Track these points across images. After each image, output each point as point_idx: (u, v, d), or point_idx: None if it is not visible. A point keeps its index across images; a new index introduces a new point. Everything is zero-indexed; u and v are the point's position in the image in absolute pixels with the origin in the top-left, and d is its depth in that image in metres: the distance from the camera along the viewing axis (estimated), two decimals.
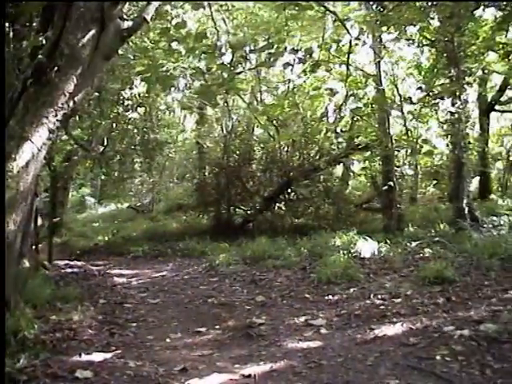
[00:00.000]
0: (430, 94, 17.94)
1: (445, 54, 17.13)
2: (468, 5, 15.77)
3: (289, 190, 18.40)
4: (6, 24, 7.20)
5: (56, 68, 6.09)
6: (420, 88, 19.01)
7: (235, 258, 12.63)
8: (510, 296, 7.99)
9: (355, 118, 18.95)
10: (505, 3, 17.13)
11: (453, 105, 16.65)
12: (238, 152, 19.25)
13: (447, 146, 20.05)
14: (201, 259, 13.63)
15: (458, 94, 16.57)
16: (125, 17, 7.40)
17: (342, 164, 21.51)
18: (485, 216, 18.37)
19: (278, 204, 18.70)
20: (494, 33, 19.51)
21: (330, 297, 8.78)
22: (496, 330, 6.16)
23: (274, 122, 18.71)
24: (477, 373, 5.16)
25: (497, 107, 29.03)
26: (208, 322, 7.78)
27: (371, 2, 15.33)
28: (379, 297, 8.44)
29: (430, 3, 14.43)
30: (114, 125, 19.20)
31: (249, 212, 18.75)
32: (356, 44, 15.55)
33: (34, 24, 7.58)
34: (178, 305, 9.23)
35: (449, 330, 6.41)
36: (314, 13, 15.38)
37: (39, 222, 12.32)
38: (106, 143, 17.62)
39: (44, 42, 6.40)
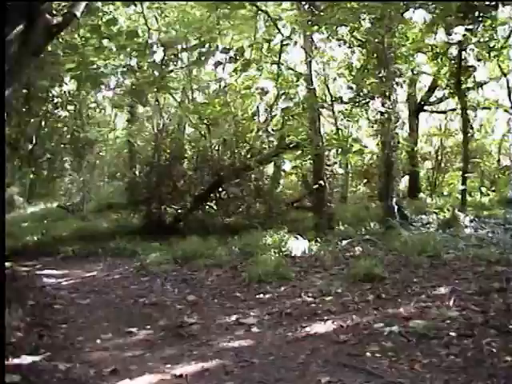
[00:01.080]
0: (361, 93, 18.16)
1: (375, 55, 17.34)
2: (398, 7, 16.04)
3: (220, 189, 18.34)
4: None
5: None
6: (350, 88, 19.22)
7: (166, 257, 12.53)
8: (438, 292, 8.16)
9: (286, 118, 19.02)
10: (434, 6, 17.46)
11: (383, 105, 16.85)
12: (168, 151, 19.09)
13: (377, 145, 20.31)
14: (132, 259, 13.47)
15: (387, 94, 16.79)
16: (54, 12, 7.26)
17: (273, 163, 21.56)
18: (414, 214, 18.69)
19: (208, 203, 18.62)
20: (424, 35, 19.89)
21: (261, 295, 8.79)
22: (424, 325, 6.30)
23: (206, 120, 18.66)
24: (406, 368, 5.26)
25: (426, 107, 29.61)
26: (139, 322, 7.70)
27: (303, 3, 15.42)
28: (310, 295, 8.49)
29: (361, 4, 14.60)
30: (43, 123, 18.88)
31: (180, 211, 18.62)
32: (287, 43, 15.64)
33: None
34: (109, 305, 9.10)
35: (379, 326, 6.52)
36: (246, 12, 15.42)
37: None
38: (34, 141, 17.32)
39: None
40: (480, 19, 20.20)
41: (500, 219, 17.90)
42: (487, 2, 19.86)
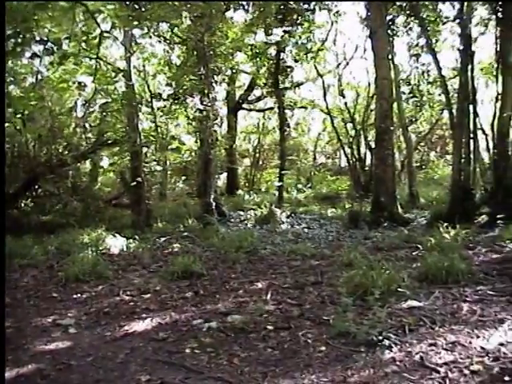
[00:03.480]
0: (180, 91, 18.22)
1: (195, 53, 17.45)
2: (219, 6, 16.19)
3: (35, 186, 17.76)
4: None
5: None
6: (170, 85, 19.24)
7: None
8: (255, 287, 8.37)
9: (104, 113, 18.74)
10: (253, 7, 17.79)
11: (201, 102, 17.01)
12: None
13: (196, 142, 20.46)
14: None
15: (206, 91, 16.96)
16: None
17: (90, 159, 21.16)
18: (232, 211, 19.02)
19: (24, 201, 17.97)
20: (243, 34, 20.26)
21: (79, 295, 8.57)
22: (242, 320, 6.42)
23: (21, 115, 18.00)
24: (225, 363, 5.35)
25: (244, 106, 30.19)
26: None
27: None
28: (128, 293, 8.40)
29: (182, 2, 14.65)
30: None
31: None
32: (107, 37, 15.38)
33: None
34: None
35: (197, 323, 6.58)
36: (64, 3, 15.00)
37: None
38: None
39: None
40: (298, 22, 20.91)
41: (316, 215, 18.64)
42: (306, 6, 20.59)
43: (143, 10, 14.76)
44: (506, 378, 4.63)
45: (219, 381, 4.94)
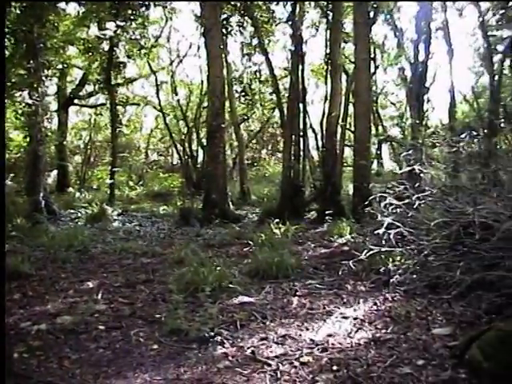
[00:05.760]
0: (8, 84, 17.60)
1: (24, 45, 16.92)
2: None
3: None
4: None
5: None
6: None
7: None
8: (86, 287, 8.23)
9: None
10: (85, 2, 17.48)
11: (30, 97, 16.52)
12: None
13: (25, 138, 19.87)
14: None
15: (36, 86, 16.49)
16: None
17: None
18: (63, 209, 18.59)
19: None
20: (76, 27, 19.85)
21: None
22: (73, 321, 6.31)
23: None
24: (55, 366, 5.21)
25: (76, 101, 29.63)
26: None
27: None
28: None
29: None
30: None
31: None
32: None
33: None
34: None
35: (26, 325, 6.37)
36: None
37: None
38: None
39: None
40: (132, 17, 20.74)
41: (147, 212, 18.59)
42: (140, 1, 20.48)
43: None
44: (334, 368, 4.85)
45: None
